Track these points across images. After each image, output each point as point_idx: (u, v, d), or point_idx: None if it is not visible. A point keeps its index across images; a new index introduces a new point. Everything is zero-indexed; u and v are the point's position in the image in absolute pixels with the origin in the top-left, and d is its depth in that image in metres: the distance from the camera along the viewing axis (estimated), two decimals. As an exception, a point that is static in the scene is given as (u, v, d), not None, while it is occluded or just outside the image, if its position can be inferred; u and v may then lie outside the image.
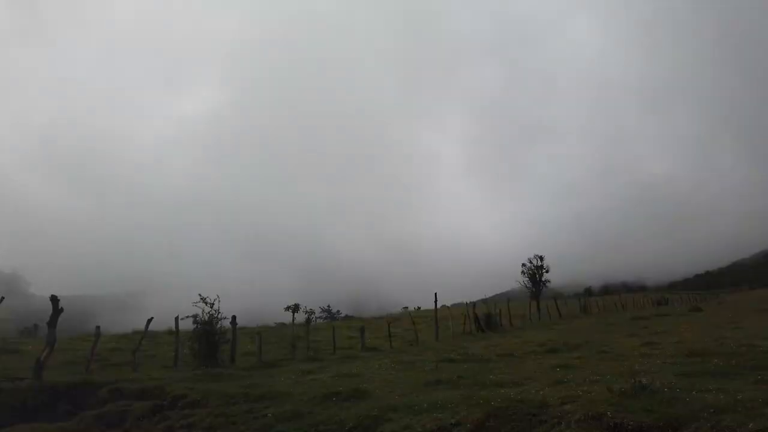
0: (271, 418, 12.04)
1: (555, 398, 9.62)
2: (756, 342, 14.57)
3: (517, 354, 18.31)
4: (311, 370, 18.26)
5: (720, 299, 63.56)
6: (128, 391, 15.80)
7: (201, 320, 21.38)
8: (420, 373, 15.94)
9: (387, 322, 33.81)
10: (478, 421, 9.15)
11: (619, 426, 7.37)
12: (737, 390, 8.61)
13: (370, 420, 10.71)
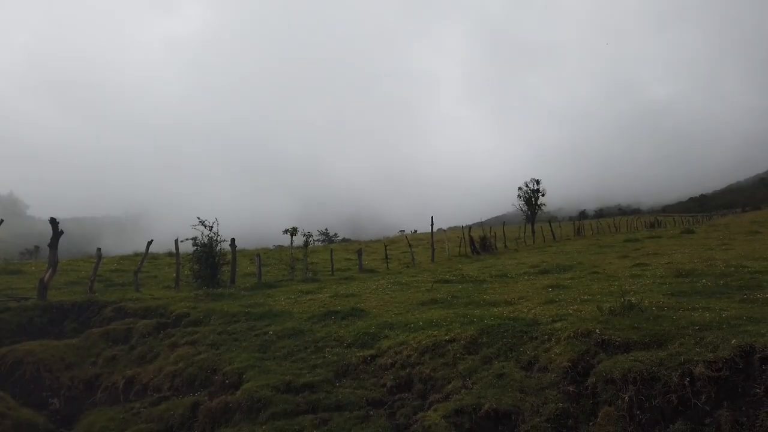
0: (272, 336, 12.47)
1: (546, 316, 9.94)
2: (745, 263, 14.89)
3: (511, 275, 18.73)
4: (310, 291, 18.71)
5: (712, 222, 64.38)
6: (132, 310, 16.25)
7: (200, 243, 21.66)
8: (416, 293, 16.36)
9: (384, 244, 34.31)
10: (471, 338, 9.50)
11: (607, 342, 7.66)
12: (723, 308, 8.90)
13: (368, 337, 11.10)
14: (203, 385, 11.20)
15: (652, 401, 6.45)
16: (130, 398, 12.15)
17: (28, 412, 11.53)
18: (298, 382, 9.78)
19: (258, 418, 9.11)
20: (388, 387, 9.30)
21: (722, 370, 6.26)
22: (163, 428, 10.21)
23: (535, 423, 6.79)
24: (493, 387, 7.77)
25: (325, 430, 8.25)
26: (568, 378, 7.38)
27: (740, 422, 5.70)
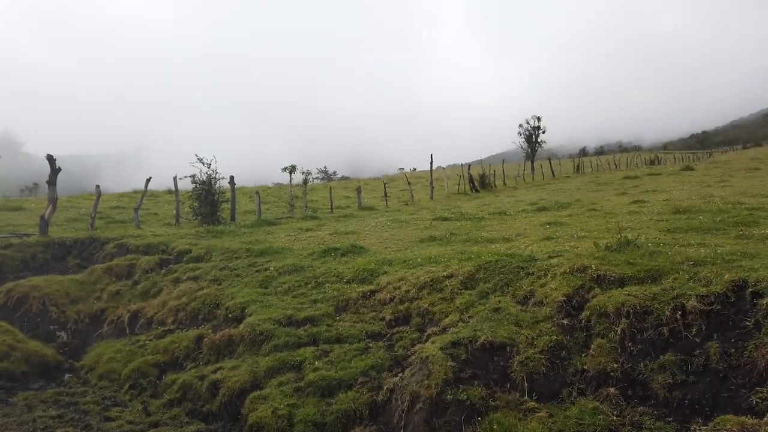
0: (272, 271, 12.66)
1: (543, 253, 10.07)
2: (743, 200, 14.94)
3: (509, 213, 18.82)
4: (310, 228, 18.85)
5: (713, 159, 64.12)
6: (133, 247, 16.42)
7: (199, 180, 21.63)
8: (414, 230, 16.49)
9: (383, 182, 34.27)
10: (468, 274, 9.65)
11: (602, 277, 7.80)
12: (718, 244, 9.00)
13: (367, 273, 11.28)
14: (207, 318, 11.47)
15: (643, 333, 6.63)
16: (136, 331, 12.48)
17: (36, 344, 11.87)
18: (299, 316, 10.02)
19: (261, 349, 9.38)
20: (387, 321, 9.53)
21: (714, 304, 6.40)
22: (169, 359, 10.54)
23: (529, 354, 7.00)
24: (489, 320, 7.96)
25: (326, 361, 8.51)
26: (563, 312, 7.55)
27: (728, 353, 5.88)
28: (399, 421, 6.87)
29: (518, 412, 6.35)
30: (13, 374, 10.66)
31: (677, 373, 6.06)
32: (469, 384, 6.76)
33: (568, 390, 6.60)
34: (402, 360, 8.10)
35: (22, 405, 9.26)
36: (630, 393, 6.28)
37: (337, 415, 7.32)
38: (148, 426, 8.28)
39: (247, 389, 8.44)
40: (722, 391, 5.69)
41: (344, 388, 7.79)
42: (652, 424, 5.68)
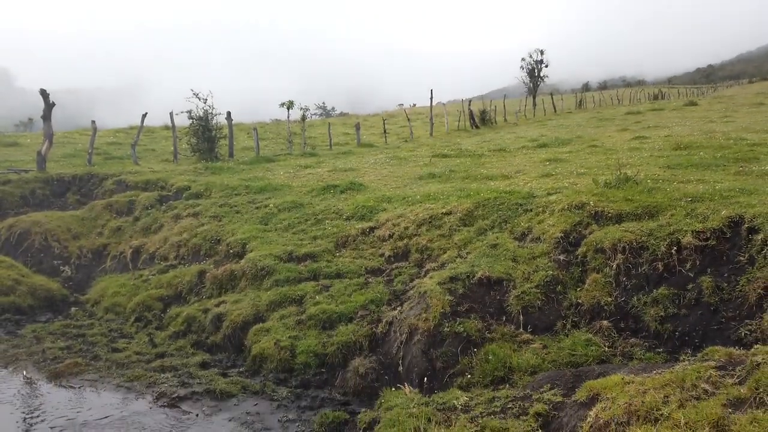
0: (272, 208, 12.71)
1: (542, 190, 10.08)
2: (745, 135, 14.82)
3: (509, 149, 18.70)
4: (308, 165, 18.78)
5: (717, 93, 63.11)
6: (132, 183, 16.41)
7: (196, 116, 21.35)
8: (414, 167, 16.44)
9: (382, 119, 33.84)
10: (467, 210, 9.70)
11: (600, 214, 7.84)
12: (717, 180, 9.00)
13: (366, 210, 11.33)
14: (208, 254, 11.62)
15: (638, 269, 6.74)
16: (139, 266, 12.66)
17: (41, 278, 12.08)
18: (300, 252, 10.14)
19: (262, 284, 9.55)
20: (386, 257, 9.66)
21: (709, 239, 6.48)
22: (173, 293, 10.76)
23: (525, 289, 7.14)
24: (487, 256, 8.07)
25: (326, 295, 8.69)
26: (560, 248, 7.65)
27: (720, 287, 6.00)
28: (397, 352, 7.09)
29: (513, 344, 6.55)
30: (20, 307, 10.91)
31: (669, 306, 6.21)
32: (466, 317, 6.94)
33: (563, 323, 6.78)
34: (401, 294, 8.27)
35: (31, 337, 9.52)
36: (622, 326, 6.46)
37: (337, 347, 7.55)
38: (154, 356, 8.54)
39: (250, 322, 8.66)
40: (712, 324, 5.85)
41: (344, 321, 8.00)
42: (643, 354, 5.87)
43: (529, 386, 5.55)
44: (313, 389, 7.24)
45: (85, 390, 7.43)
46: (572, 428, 4.56)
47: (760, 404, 3.72)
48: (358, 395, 6.95)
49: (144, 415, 6.63)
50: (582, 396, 4.75)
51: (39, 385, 7.66)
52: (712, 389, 4.07)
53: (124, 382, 7.60)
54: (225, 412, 6.70)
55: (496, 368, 6.16)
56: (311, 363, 7.60)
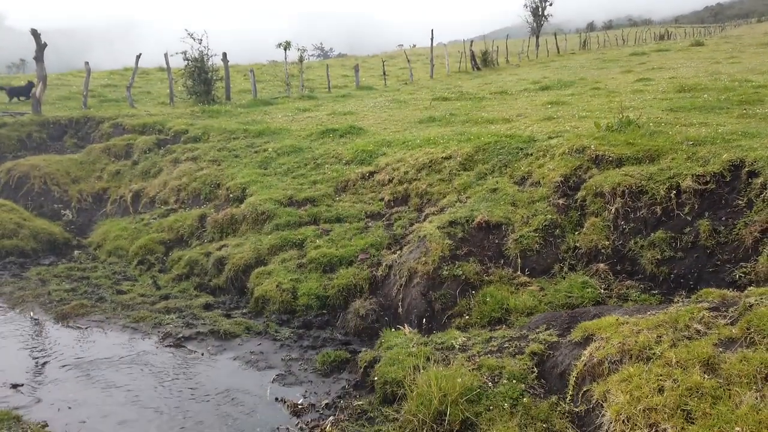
0: (271, 153, 12.64)
1: (543, 133, 10.00)
2: (750, 77, 14.57)
3: (511, 92, 18.41)
4: (307, 108, 18.53)
5: (725, 33, 61.55)
6: (129, 127, 16.25)
7: (191, 57, 20.88)
8: (413, 111, 16.23)
9: (382, 60, 33.13)
10: (467, 155, 9.66)
11: (600, 158, 7.81)
12: (720, 124, 8.92)
13: (366, 154, 11.27)
14: (208, 198, 11.64)
15: (636, 212, 6.78)
16: (139, 210, 12.72)
17: (43, 222, 12.15)
18: (300, 197, 10.17)
19: (263, 228, 9.62)
20: (385, 201, 9.69)
21: (709, 183, 6.49)
22: (174, 237, 10.85)
23: (524, 233, 7.21)
24: (486, 201, 8.10)
25: (326, 239, 8.77)
26: (559, 192, 7.66)
27: (717, 231, 6.06)
28: (397, 294, 7.23)
29: (511, 286, 6.67)
30: (23, 251, 11.02)
31: (666, 249, 6.29)
32: (465, 260, 7.03)
33: (560, 266, 6.88)
34: (400, 238, 8.35)
35: (36, 279, 9.66)
36: (619, 268, 6.56)
37: (338, 289, 7.68)
38: (159, 298, 8.71)
39: (251, 265, 8.78)
40: (707, 267, 5.94)
41: (345, 264, 8.11)
42: (638, 296, 5.99)
43: (526, 327, 5.70)
44: (315, 330, 7.41)
45: (91, 330, 7.61)
46: (567, 367, 4.71)
47: (750, 344, 3.83)
48: (359, 335, 7.13)
49: (151, 354, 6.82)
50: (577, 336, 4.88)
51: (46, 325, 7.85)
52: (705, 329, 4.18)
53: (129, 323, 7.78)
54: (230, 352, 6.89)
55: (493, 310, 6.30)
56: (313, 305, 7.75)
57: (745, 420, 3.24)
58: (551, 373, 4.86)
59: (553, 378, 4.81)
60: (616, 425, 3.83)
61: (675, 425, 3.50)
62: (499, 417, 4.42)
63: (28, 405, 5.55)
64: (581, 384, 4.45)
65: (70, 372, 6.33)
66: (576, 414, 4.32)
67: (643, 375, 3.94)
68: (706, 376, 3.69)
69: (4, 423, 4.97)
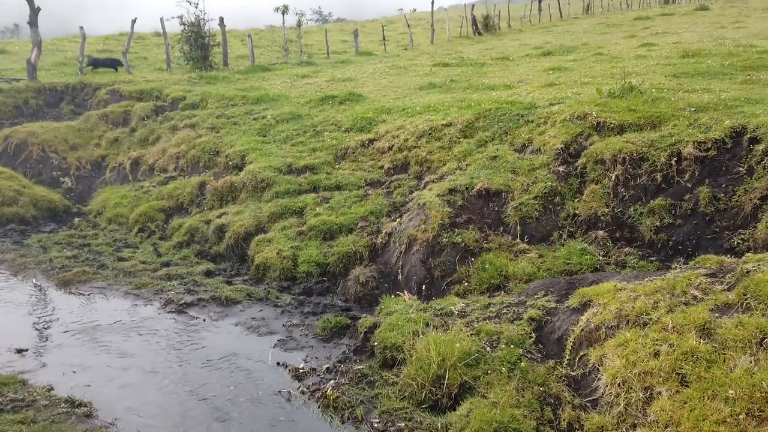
0: (270, 120, 12.54)
1: (544, 100, 9.90)
2: (755, 42, 14.35)
3: (512, 58, 18.16)
4: (306, 75, 18.31)
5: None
6: (127, 93, 16.08)
7: (187, 21, 20.52)
8: (414, 77, 16.04)
9: (381, 25, 32.58)
10: (468, 122, 9.58)
11: (602, 125, 7.76)
12: (723, 90, 8.83)
13: (366, 121, 11.19)
14: (207, 166, 11.60)
15: (636, 179, 6.77)
16: (138, 178, 12.69)
17: (42, 189, 12.13)
18: (299, 164, 10.13)
19: (263, 196, 9.62)
20: (385, 169, 9.66)
21: (710, 150, 6.46)
22: (174, 204, 10.85)
23: (524, 200, 7.21)
24: (486, 168, 8.07)
25: (326, 207, 8.77)
26: (559, 159, 7.63)
27: (717, 198, 6.06)
28: (397, 261, 7.27)
29: (510, 253, 6.70)
30: (23, 218, 11.04)
31: (665, 216, 6.30)
32: (464, 228, 7.05)
33: (559, 233, 6.90)
34: (400, 206, 8.35)
35: (37, 246, 9.71)
36: (617, 235, 6.58)
37: (338, 256, 7.73)
38: (160, 265, 8.76)
39: (251, 233, 8.80)
40: (706, 234, 5.96)
41: (345, 231, 8.13)
42: (636, 263, 6.03)
43: (524, 293, 5.75)
44: (316, 296, 7.48)
45: (94, 297, 7.68)
46: (564, 332, 4.77)
47: (746, 309, 3.87)
48: (359, 302, 7.20)
49: (153, 320, 6.90)
50: (575, 302, 4.93)
51: (49, 292, 7.91)
52: (701, 295, 4.22)
53: (131, 290, 7.84)
54: (231, 317, 6.97)
55: (492, 276, 6.35)
56: (313, 272, 7.81)
57: (738, 383, 3.30)
58: (549, 339, 4.93)
59: (551, 343, 4.88)
60: (611, 388, 3.90)
61: (670, 388, 3.56)
62: (496, 381, 4.50)
63: (33, 369, 5.64)
64: (578, 349, 4.51)
65: (73, 337, 6.42)
66: (572, 378, 4.39)
67: (639, 340, 3.99)
68: (701, 341, 3.74)
69: (11, 387, 5.06)
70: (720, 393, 3.32)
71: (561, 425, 4.05)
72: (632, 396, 3.72)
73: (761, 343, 3.53)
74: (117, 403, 5.04)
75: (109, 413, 4.85)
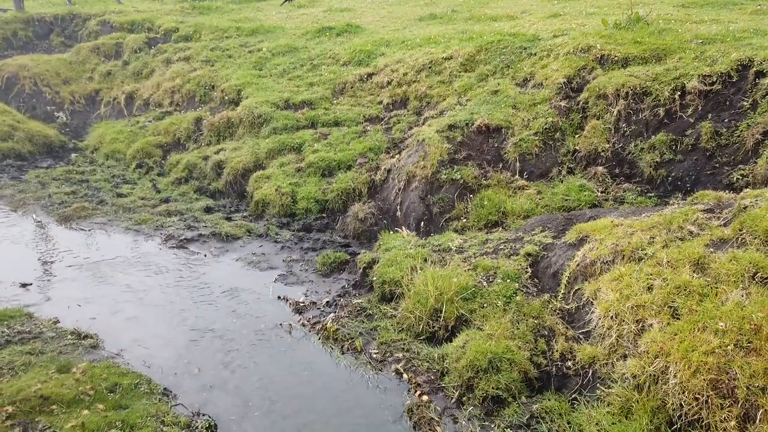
0: (266, 53, 12.22)
1: (547, 32, 9.61)
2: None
3: (516, -14, 17.49)
4: (302, 5, 17.70)
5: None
6: (118, 24, 15.61)
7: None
8: (413, 7, 15.51)
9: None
10: (469, 55, 9.34)
11: (606, 57, 7.57)
12: (732, 21, 8.56)
13: (364, 55, 10.91)
14: (203, 101, 11.41)
15: (639, 114, 6.67)
16: (134, 113, 12.51)
17: (37, 124, 11.98)
18: (296, 99, 9.95)
19: (260, 132, 9.51)
20: (384, 104, 9.50)
21: (715, 83, 6.33)
22: (171, 140, 10.75)
23: (524, 136, 7.13)
24: (487, 103, 7.94)
25: (325, 143, 8.69)
26: (561, 93, 7.50)
27: (719, 133, 5.99)
28: (395, 198, 7.28)
29: (508, 190, 6.70)
30: (20, 153, 10.96)
31: (666, 152, 6.25)
32: (464, 164, 7.01)
33: (558, 169, 6.87)
34: (399, 142, 8.28)
35: (36, 182, 9.69)
36: (617, 171, 6.56)
37: (337, 193, 7.73)
38: (159, 201, 8.77)
39: (250, 169, 8.76)
40: (706, 169, 5.94)
41: (343, 168, 8.10)
42: (634, 199, 6.04)
43: (522, 229, 5.79)
44: (315, 232, 7.54)
45: (95, 232, 7.74)
46: (560, 267, 4.84)
47: (741, 244, 3.91)
48: (358, 238, 7.26)
49: (155, 255, 6.98)
50: (571, 238, 4.97)
51: (49, 227, 7.96)
52: (698, 230, 4.25)
53: (132, 226, 7.89)
54: (232, 253, 7.05)
55: (490, 213, 6.37)
56: (312, 208, 7.83)
57: (729, 316, 3.37)
58: (545, 273, 5.00)
59: (547, 278, 4.95)
60: (604, 321, 4.00)
61: (661, 321, 3.65)
62: (492, 314, 4.61)
63: (38, 303, 5.75)
64: (573, 283, 4.59)
65: (76, 272, 6.51)
66: (567, 311, 4.49)
67: (633, 274, 4.05)
68: (695, 275, 3.80)
69: (17, 319, 5.17)
70: (710, 325, 3.40)
71: (554, 356, 4.17)
72: (624, 328, 3.82)
73: (754, 277, 3.58)
74: (122, 335, 5.17)
75: (115, 344, 4.98)
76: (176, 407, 4.10)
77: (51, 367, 4.34)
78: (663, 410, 3.33)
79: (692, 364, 3.26)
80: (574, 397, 3.85)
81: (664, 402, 3.33)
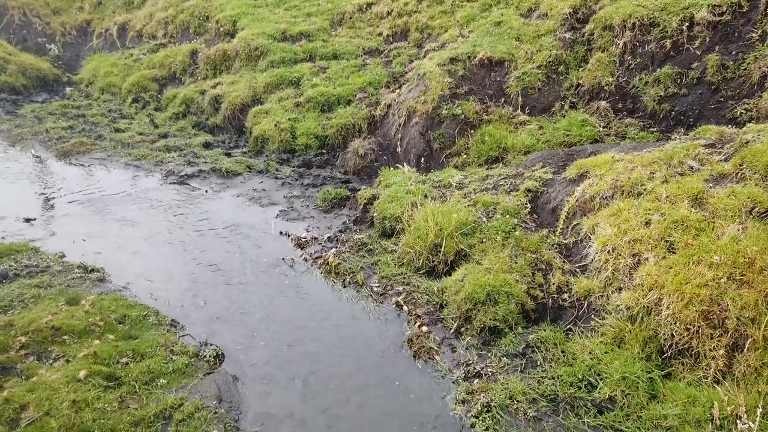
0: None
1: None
2: None
3: None
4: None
5: None
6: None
7: None
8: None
9: None
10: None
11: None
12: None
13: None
14: (198, 32, 11.11)
15: (645, 47, 6.52)
16: (127, 45, 12.20)
17: (29, 57, 11.72)
18: (294, 31, 9.69)
19: (257, 65, 9.32)
20: (384, 36, 9.26)
21: (725, 14, 6.15)
22: (167, 74, 10.55)
23: (527, 69, 7.00)
24: (490, 35, 7.74)
25: (323, 77, 8.54)
26: (567, 25, 7.30)
27: (726, 66, 5.88)
28: (396, 134, 7.22)
29: (510, 125, 6.65)
30: (14, 87, 10.78)
31: (670, 86, 6.16)
32: (465, 99, 6.92)
33: (561, 104, 6.79)
34: (399, 76, 8.13)
35: (32, 117, 9.58)
36: (620, 106, 6.48)
37: (337, 129, 7.67)
38: (157, 137, 8.71)
39: (248, 104, 8.65)
40: (710, 104, 5.87)
41: (343, 103, 7.99)
42: (636, 134, 6.00)
43: (522, 165, 5.79)
44: (315, 168, 7.53)
45: (94, 167, 7.73)
46: (559, 202, 4.88)
47: (740, 179, 3.92)
48: (358, 174, 7.26)
49: (156, 190, 7.00)
50: (572, 173, 4.98)
51: (49, 162, 7.95)
52: (698, 166, 4.26)
53: (131, 161, 7.87)
54: (233, 189, 7.07)
55: (491, 149, 6.35)
56: (312, 144, 7.79)
57: (724, 250, 3.43)
58: (544, 209, 5.04)
59: (546, 213, 5.00)
60: (601, 255, 4.07)
61: (657, 254, 3.72)
62: (491, 248, 4.68)
63: (43, 237, 5.82)
64: (572, 218, 4.64)
65: (79, 207, 6.55)
66: (564, 245, 4.56)
67: (632, 209, 4.09)
68: (692, 210, 3.84)
69: (24, 253, 5.25)
70: (705, 259, 3.47)
71: (550, 289, 4.27)
72: (620, 262, 3.89)
73: (751, 212, 3.62)
74: (128, 268, 5.27)
75: (121, 278, 5.09)
76: (184, 338, 4.24)
77: (60, 299, 4.45)
78: (654, 340, 3.45)
79: (685, 296, 3.35)
80: (569, 327, 3.98)
81: (656, 332, 3.45)
